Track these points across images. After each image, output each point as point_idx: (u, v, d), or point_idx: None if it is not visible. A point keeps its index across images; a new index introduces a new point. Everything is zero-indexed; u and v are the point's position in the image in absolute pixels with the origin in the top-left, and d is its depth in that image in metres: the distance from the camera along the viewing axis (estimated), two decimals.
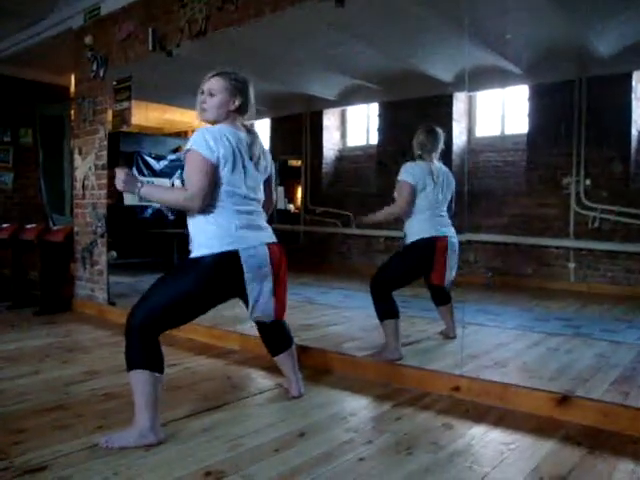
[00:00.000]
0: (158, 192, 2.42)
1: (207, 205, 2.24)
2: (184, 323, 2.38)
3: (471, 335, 3.76)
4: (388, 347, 3.23)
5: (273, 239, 2.45)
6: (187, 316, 2.33)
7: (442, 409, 2.59)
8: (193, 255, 2.29)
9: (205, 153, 2.19)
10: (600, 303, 5.43)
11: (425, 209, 3.38)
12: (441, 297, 3.70)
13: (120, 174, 2.24)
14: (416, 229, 3.38)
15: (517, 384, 2.71)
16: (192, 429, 2.31)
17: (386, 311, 3.26)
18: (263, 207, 2.49)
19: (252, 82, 2.43)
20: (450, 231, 3.47)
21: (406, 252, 3.45)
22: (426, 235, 3.35)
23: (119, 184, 2.25)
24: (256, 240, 2.33)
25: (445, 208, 3.51)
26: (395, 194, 3.40)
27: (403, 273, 3.41)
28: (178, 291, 2.22)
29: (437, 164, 3.47)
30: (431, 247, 3.34)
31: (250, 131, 2.42)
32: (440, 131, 3.50)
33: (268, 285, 2.38)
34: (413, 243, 3.38)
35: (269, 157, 2.54)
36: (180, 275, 2.30)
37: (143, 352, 2.16)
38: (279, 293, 2.45)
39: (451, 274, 3.49)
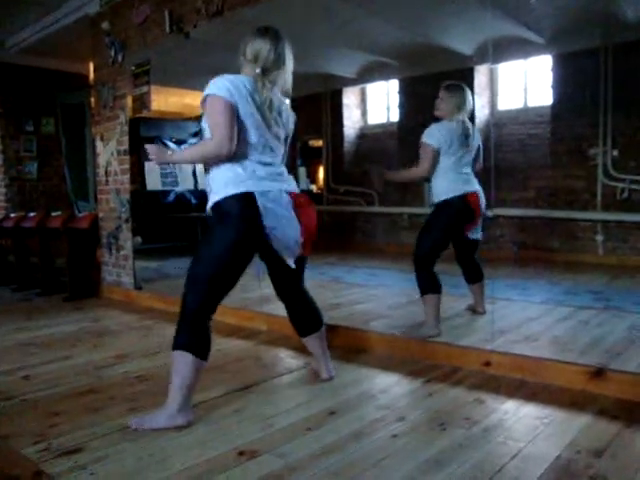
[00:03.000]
0: (187, 153, 2.45)
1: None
2: (231, 287, 2.27)
3: (500, 310, 3.71)
4: (427, 322, 3.17)
5: (295, 189, 2.36)
6: (232, 276, 2.23)
7: (474, 384, 2.57)
8: (209, 206, 2.25)
9: (225, 95, 2.15)
10: (631, 275, 5.33)
11: (450, 168, 3.27)
12: (474, 274, 3.63)
13: (151, 149, 2.30)
14: (445, 188, 3.26)
15: (549, 358, 2.68)
16: (223, 410, 2.32)
17: (428, 285, 3.19)
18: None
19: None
20: (478, 188, 3.37)
21: (440, 211, 3.31)
22: (457, 193, 3.24)
23: (152, 158, 2.30)
24: (274, 187, 2.25)
25: (470, 167, 3.40)
26: (421, 154, 3.30)
27: (443, 234, 3.29)
28: (215, 251, 2.17)
29: (461, 122, 3.30)
30: (465, 203, 3.25)
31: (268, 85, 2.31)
32: (460, 86, 3.31)
33: (291, 232, 2.27)
34: (445, 202, 3.26)
35: (290, 112, 2.48)
36: (209, 238, 2.23)
37: (192, 335, 2.16)
38: (306, 243, 2.33)
39: (478, 232, 3.42)
